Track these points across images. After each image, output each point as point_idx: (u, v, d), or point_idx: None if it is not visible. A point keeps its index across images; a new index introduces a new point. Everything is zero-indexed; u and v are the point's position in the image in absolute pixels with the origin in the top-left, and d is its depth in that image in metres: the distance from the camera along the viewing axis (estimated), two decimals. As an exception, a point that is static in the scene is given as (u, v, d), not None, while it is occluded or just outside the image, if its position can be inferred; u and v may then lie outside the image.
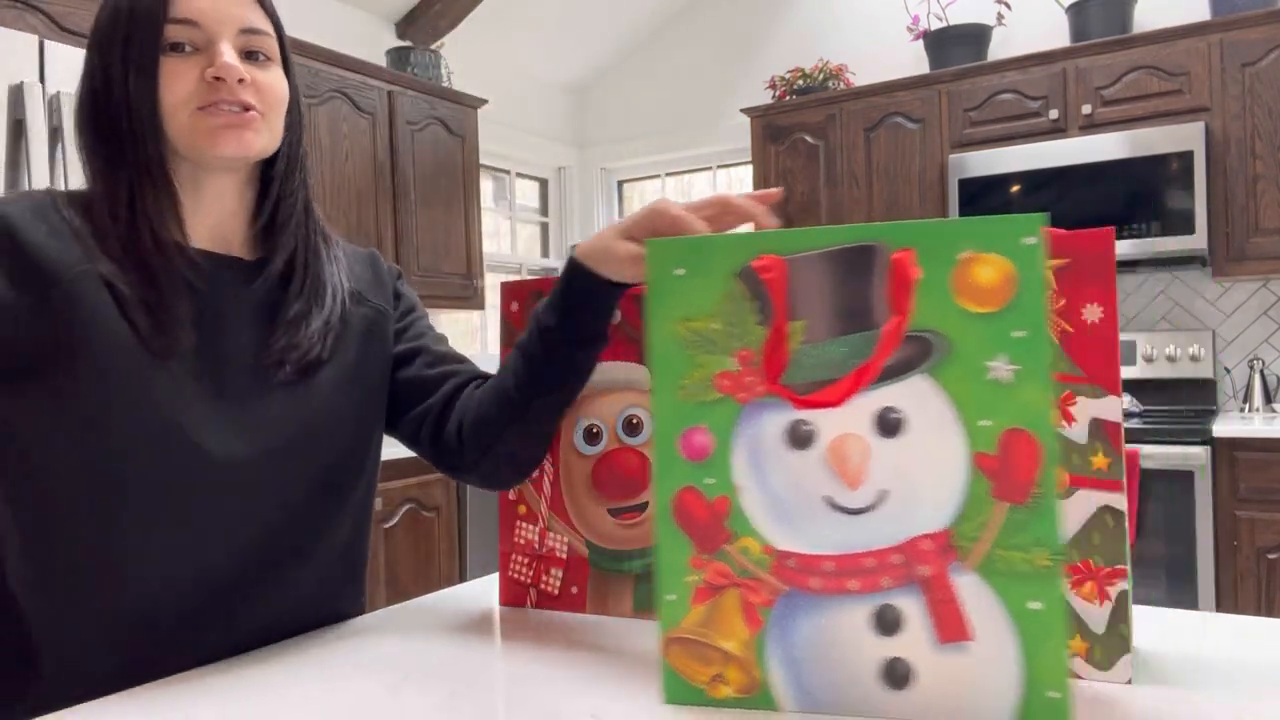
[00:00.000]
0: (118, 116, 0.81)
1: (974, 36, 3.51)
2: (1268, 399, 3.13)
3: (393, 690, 0.71)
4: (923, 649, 0.62)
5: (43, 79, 2.05)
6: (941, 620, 0.61)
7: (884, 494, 0.62)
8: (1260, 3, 3.02)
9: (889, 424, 0.62)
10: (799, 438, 0.64)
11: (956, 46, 3.51)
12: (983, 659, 0.61)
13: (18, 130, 2.00)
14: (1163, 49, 3.06)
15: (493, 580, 1.04)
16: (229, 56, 0.80)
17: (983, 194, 3.27)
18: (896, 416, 0.62)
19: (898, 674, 0.62)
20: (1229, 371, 3.28)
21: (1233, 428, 2.78)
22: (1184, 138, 2.97)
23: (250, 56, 0.83)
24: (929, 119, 3.45)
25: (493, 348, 4.18)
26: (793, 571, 0.64)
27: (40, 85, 2.02)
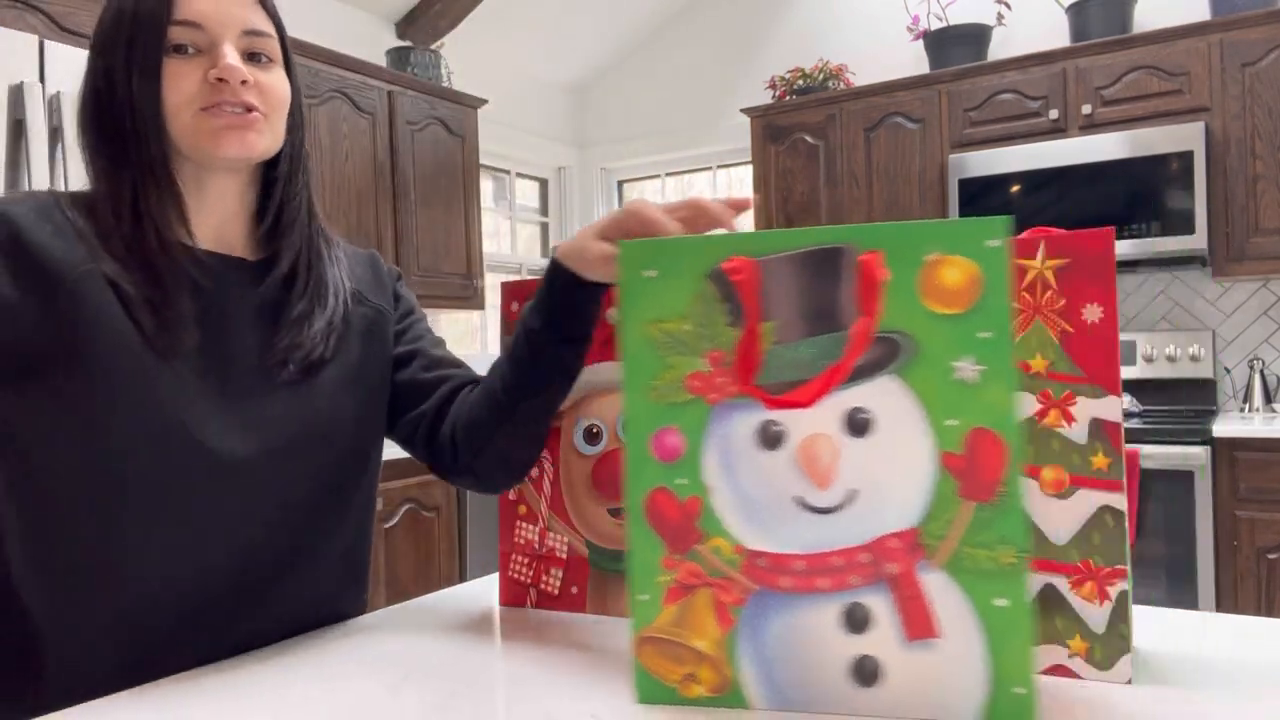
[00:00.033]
0: (121, 117, 0.81)
1: (974, 36, 3.51)
2: (1268, 399, 3.13)
3: (393, 690, 0.71)
4: (891, 646, 0.63)
5: (43, 79, 2.05)
6: (909, 618, 0.62)
7: (853, 493, 0.63)
8: (1260, 3, 3.02)
9: (858, 424, 0.63)
10: (769, 438, 0.65)
11: (956, 46, 3.51)
12: (950, 656, 0.62)
13: (18, 130, 2.00)
14: (1163, 49, 3.06)
15: (493, 580, 1.04)
16: (232, 58, 0.81)
17: (983, 194, 3.27)
18: (865, 417, 0.63)
19: (866, 671, 0.63)
20: (1229, 371, 3.28)
21: (1233, 428, 2.78)
22: (1184, 138, 2.97)
23: (252, 58, 0.84)
24: (929, 119, 3.45)
25: (493, 348, 4.18)
26: (763, 571, 0.65)
27: (40, 85, 2.02)
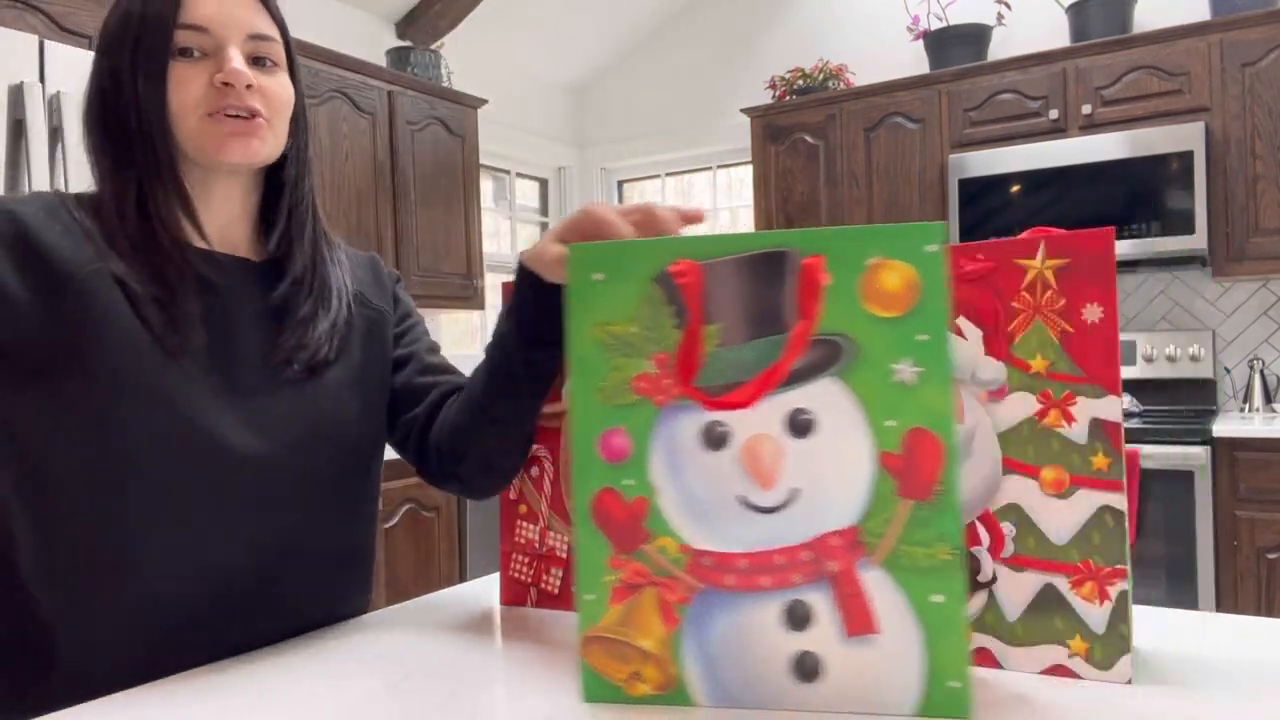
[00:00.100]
0: (126, 118, 0.82)
1: (974, 36, 3.51)
2: (1268, 399, 3.13)
3: (393, 689, 0.71)
4: (831, 643, 0.64)
5: (43, 79, 2.05)
6: (849, 614, 0.63)
7: (795, 493, 0.64)
8: (1260, 3, 3.02)
9: (800, 425, 0.64)
10: (714, 439, 0.65)
11: (956, 46, 3.51)
12: (888, 651, 0.63)
13: (18, 130, 2.00)
14: (1163, 49, 3.06)
15: (493, 580, 1.04)
16: (237, 62, 0.81)
17: (983, 194, 3.27)
18: (807, 418, 0.64)
19: (807, 667, 0.64)
20: (1229, 371, 3.28)
21: (1233, 428, 2.78)
22: (1184, 138, 2.97)
23: (257, 62, 0.84)
24: (929, 119, 3.45)
25: (493, 348, 4.17)
26: (708, 570, 0.66)
27: (40, 85, 2.02)
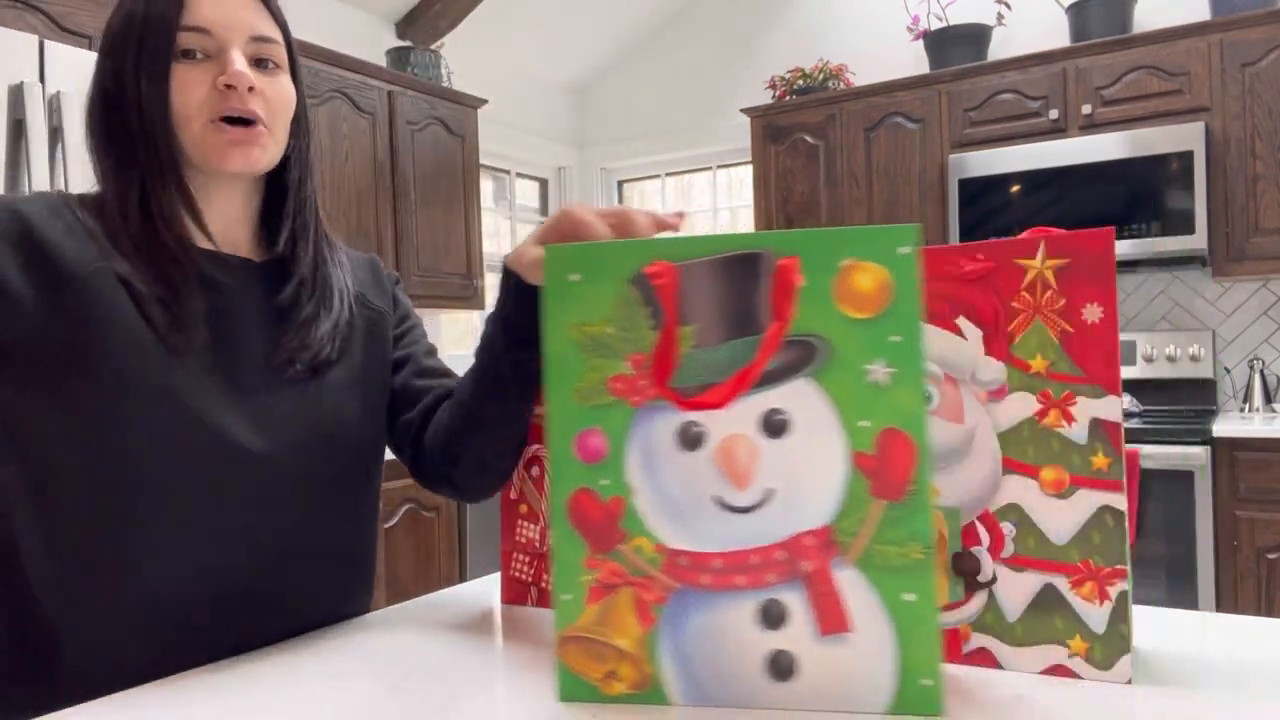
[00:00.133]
0: (129, 119, 0.82)
1: (974, 36, 3.51)
2: (1268, 399, 3.13)
3: (393, 689, 0.71)
4: (805, 641, 0.64)
5: (43, 79, 2.05)
6: (823, 613, 0.64)
7: (770, 493, 0.65)
8: (1260, 3, 3.02)
9: (774, 425, 0.64)
10: (690, 439, 0.66)
11: (956, 46, 3.51)
12: (861, 649, 0.63)
13: (18, 130, 2.00)
14: (1163, 49, 3.06)
15: (493, 579, 1.04)
16: (239, 64, 0.82)
17: (983, 194, 3.27)
18: (782, 418, 0.64)
19: (782, 666, 0.65)
20: (1229, 371, 3.28)
21: (1233, 428, 2.78)
22: (1184, 138, 2.97)
23: (260, 64, 0.85)
24: (929, 119, 3.45)
25: (493, 348, 4.17)
26: (684, 569, 0.66)
27: (40, 85, 2.02)
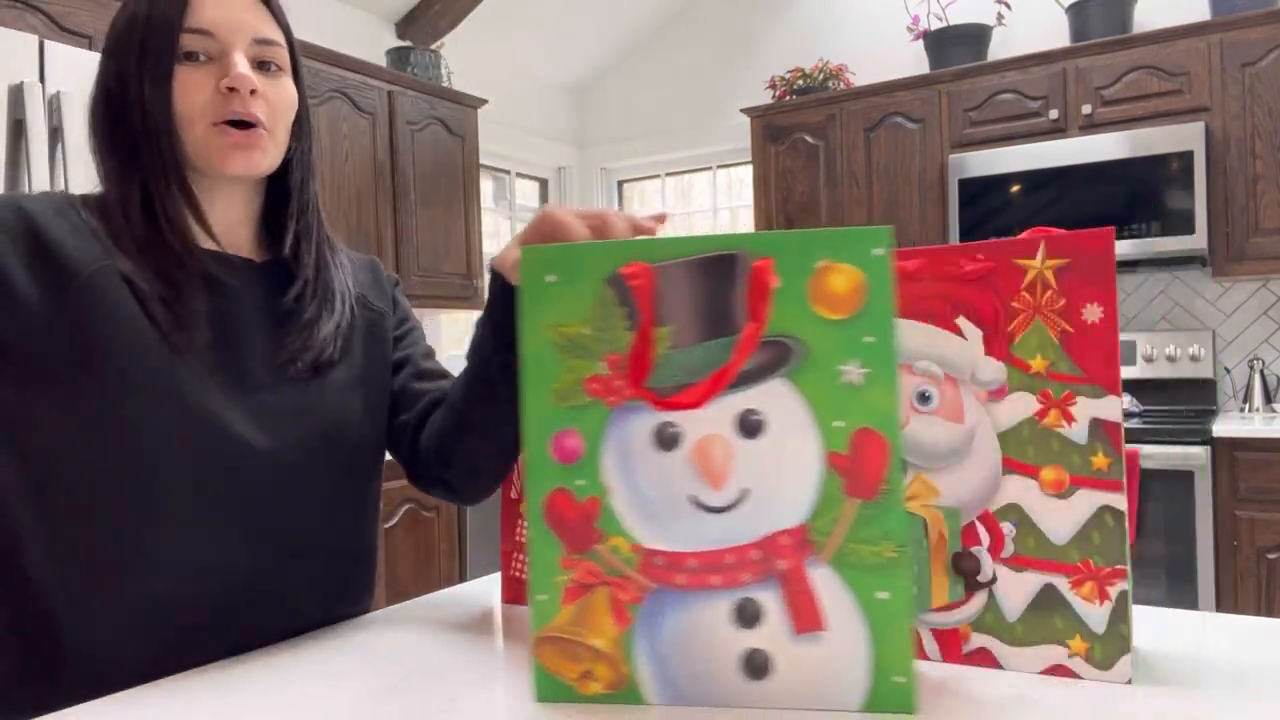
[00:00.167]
0: (132, 121, 0.82)
1: (974, 36, 3.51)
2: (1268, 399, 3.13)
3: (393, 689, 0.71)
4: (780, 640, 0.65)
5: (43, 79, 2.05)
6: (798, 612, 0.64)
7: (745, 492, 0.65)
8: (1260, 3, 3.02)
9: (750, 425, 0.65)
10: (666, 439, 0.66)
11: (956, 46, 3.51)
12: (835, 647, 0.64)
13: (18, 130, 2.00)
14: (1163, 49, 3.06)
15: (493, 579, 1.04)
16: (242, 67, 0.82)
17: (983, 194, 3.27)
18: (757, 418, 0.65)
19: (757, 664, 0.65)
20: (1229, 371, 3.28)
21: (1233, 428, 2.78)
22: (1184, 138, 2.97)
23: (262, 66, 0.85)
24: (929, 119, 3.45)
25: (493, 348, 4.17)
26: (660, 569, 0.66)
27: (40, 85, 2.02)
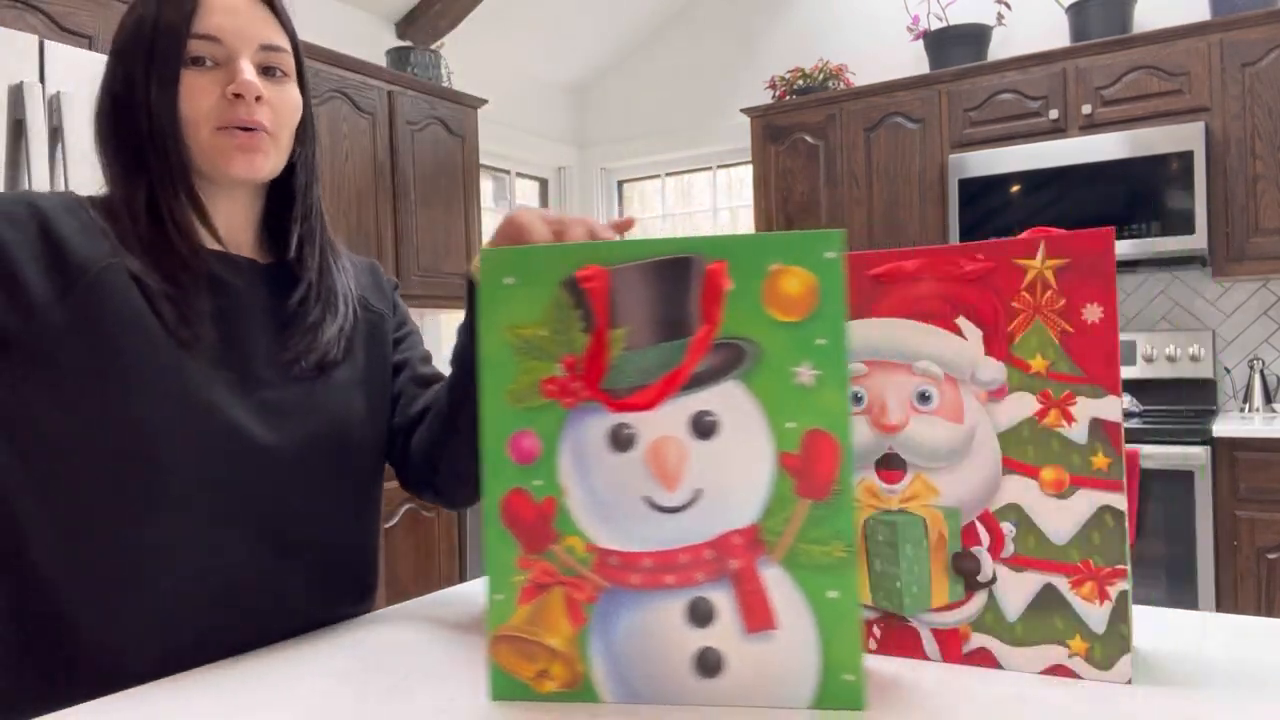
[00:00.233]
0: (138, 124, 0.83)
1: (974, 36, 3.51)
2: (1268, 399, 3.13)
3: (393, 689, 0.71)
4: (732, 639, 0.65)
5: (43, 79, 2.05)
6: (750, 610, 0.65)
7: (699, 493, 0.66)
8: (1260, 3, 3.02)
9: (704, 427, 0.65)
10: (621, 440, 0.67)
11: (956, 46, 3.51)
12: (786, 646, 0.65)
13: (18, 130, 2.00)
14: (1163, 49, 3.06)
15: (493, 580, 1.04)
16: (248, 74, 0.83)
17: (983, 194, 3.27)
18: (711, 419, 0.65)
19: (709, 663, 0.66)
20: (1229, 371, 3.28)
21: (1233, 428, 2.78)
22: (1184, 138, 2.97)
23: (267, 72, 0.86)
24: (929, 119, 3.45)
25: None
26: (614, 569, 0.67)
27: (40, 85, 2.02)
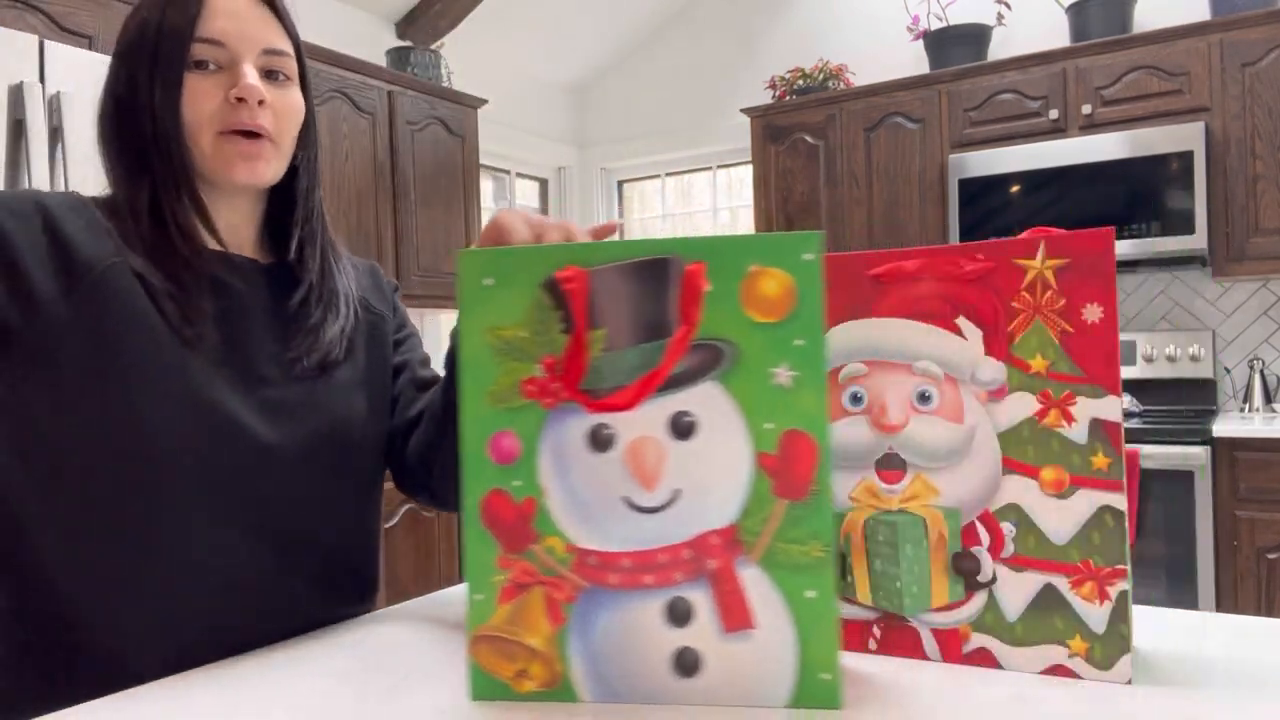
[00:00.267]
0: (141, 126, 0.83)
1: (974, 36, 3.51)
2: (1268, 399, 3.13)
3: (393, 689, 0.71)
4: (710, 638, 0.66)
5: (43, 79, 2.05)
6: (728, 610, 0.66)
7: (677, 493, 0.66)
8: (1260, 3, 3.02)
9: (682, 427, 0.66)
10: (600, 441, 0.67)
11: (956, 46, 3.51)
12: (763, 645, 0.65)
13: (18, 130, 2.00)
14: (1163, 49, 3.06)
15: (493, 580, 1.04)
16: (251, 78, 0.83)
17: (983, 194, 3.27)
18: (689, 420, 0.66)
19: (687, 662, 0.66)
20: (1229, 371, 3.28)
21: (1233, 428, 2.78)
22: (1184, 138, 2.97)
23: (270, 76, 0.86)
24: (929, 119, 3.45)
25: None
26: (593, 569, 0.67)
27: (40, 85, 2.02)
